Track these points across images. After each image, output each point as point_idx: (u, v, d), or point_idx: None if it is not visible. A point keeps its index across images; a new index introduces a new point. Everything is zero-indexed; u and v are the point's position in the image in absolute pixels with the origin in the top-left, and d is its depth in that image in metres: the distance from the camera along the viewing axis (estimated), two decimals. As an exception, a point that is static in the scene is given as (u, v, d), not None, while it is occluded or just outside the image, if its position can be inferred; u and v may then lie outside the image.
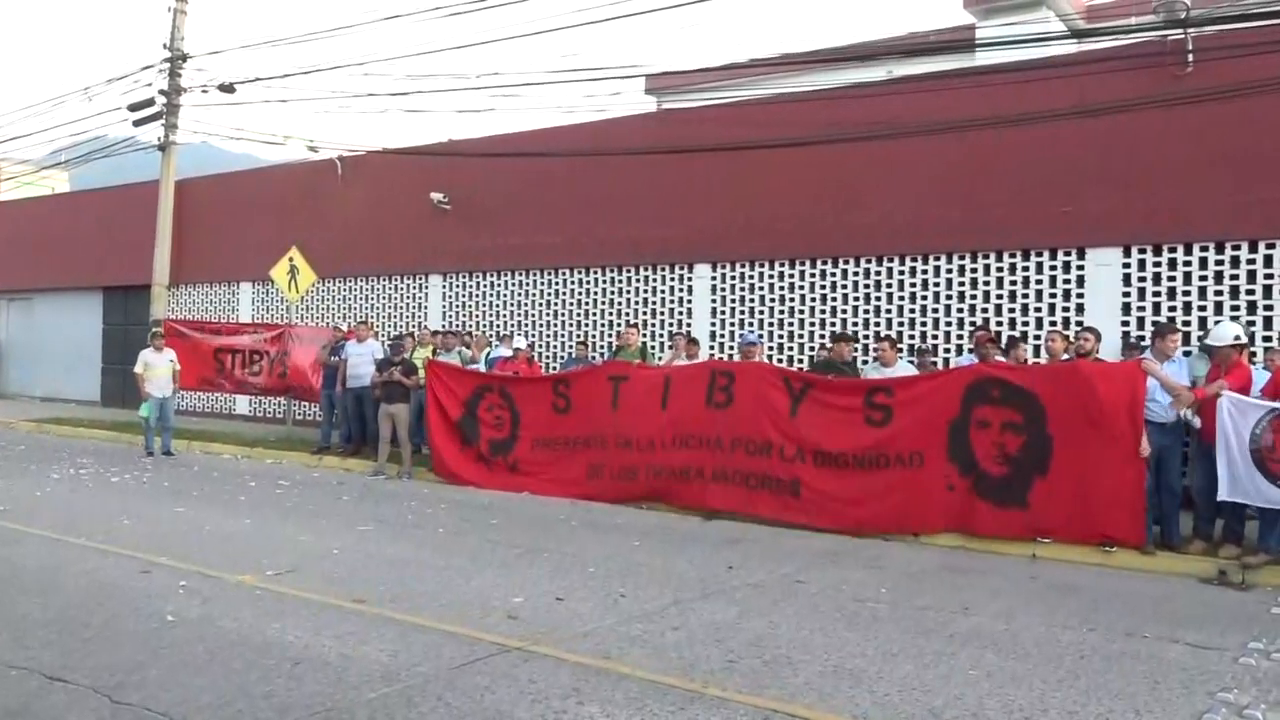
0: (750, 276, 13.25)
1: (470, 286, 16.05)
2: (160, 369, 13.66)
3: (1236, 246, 10.16)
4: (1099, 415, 7.89)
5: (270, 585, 6.25)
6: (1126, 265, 10.75)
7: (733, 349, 13.01)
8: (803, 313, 12.83)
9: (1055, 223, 11.02)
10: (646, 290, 14.19)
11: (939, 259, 11.87)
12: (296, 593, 6.06)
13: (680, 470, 9.83)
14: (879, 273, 12.28)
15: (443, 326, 15.42)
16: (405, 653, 4.89)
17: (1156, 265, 10.60)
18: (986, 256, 11.59)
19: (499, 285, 15.68)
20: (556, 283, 15.03)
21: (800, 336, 12.83)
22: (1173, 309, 10.43)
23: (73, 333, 22.05)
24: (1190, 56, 10.17)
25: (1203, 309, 10.30)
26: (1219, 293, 10.24)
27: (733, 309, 13.40)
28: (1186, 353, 9.14)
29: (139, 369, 13.68)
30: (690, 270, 13.75)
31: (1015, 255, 11.41)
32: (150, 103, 17.90)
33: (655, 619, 5.71)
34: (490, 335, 14.72)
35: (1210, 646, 5.43)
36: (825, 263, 12.66)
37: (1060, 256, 11.13)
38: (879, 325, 12.14)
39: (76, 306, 22.09)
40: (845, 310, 12.50)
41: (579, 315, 14.80)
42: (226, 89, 17.18)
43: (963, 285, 11.74)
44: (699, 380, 10.03)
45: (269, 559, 7.03)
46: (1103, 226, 10.77)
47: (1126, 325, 10.66)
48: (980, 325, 11.23)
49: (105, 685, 4.32)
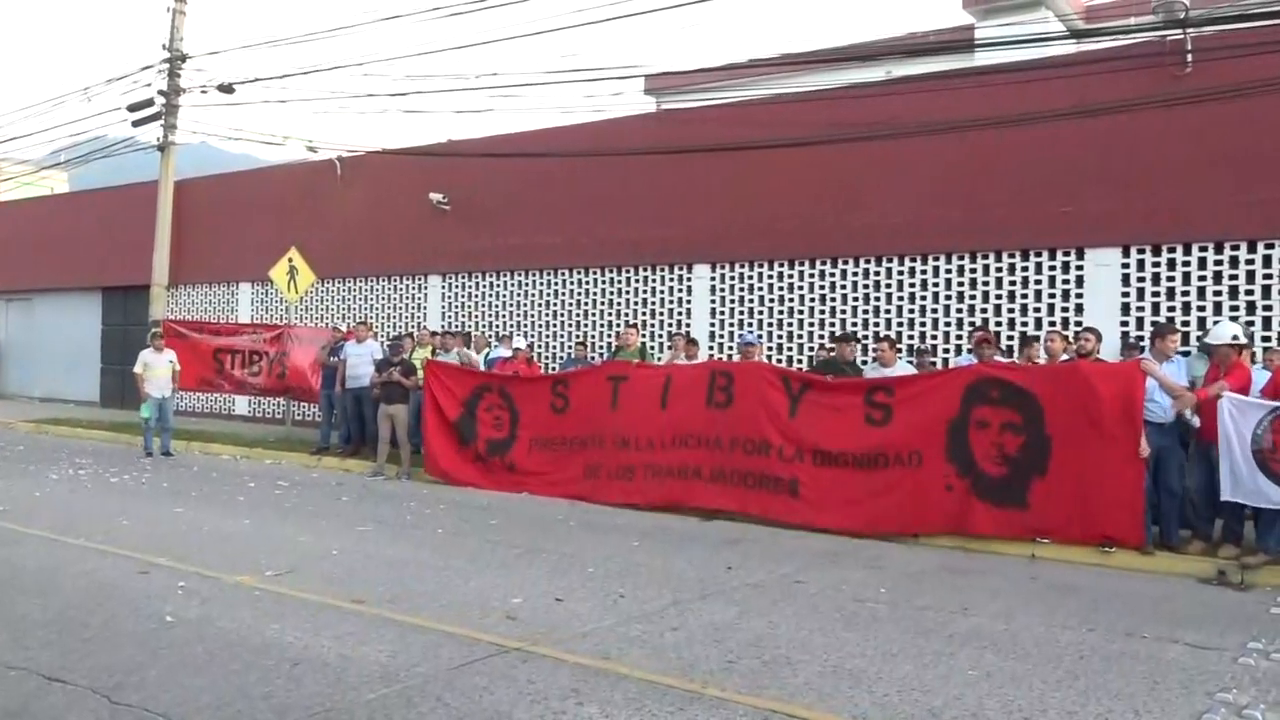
0: (750, 277, 13.25)
1: (469, 287, 16.05)
2: (160, 369, 13.65)
3: (1235, 246, 10.16)
4: (1098, 416, 7.88)
5: (269, 586, 6.25)
6: (1126, 265, 10.76)
7: (732, 349, 13.01)
8: (802, 313, 12.83)
9: (1054, 223, 11.02)
10: (646, 290, 14.19)
11: (938, 259, 11.88)
12: (295, 593, 6.06)
13: (679, 470, 9.82)
14: (878, 273, 12.28)
15: (442, 327, 15.42)
16: (404, 653, 4.89)
17: (1156, 265, 10.60)
18: (986, 257, 11.60)
19: (498, 285, 15.68)
20: (556, 283, 15.03)
21: (799, 337, 12.83)
22: (1172, 309, 10.43)
23: (72, 333, 22.04)
24: (1189, 57, 10.18)
25: (1202, 309, 10.31)
26: (1218, 293, 10.25)
27: (732, 309, 13.40)
28: (1185, 352, 9.14)
29: (138, 369, 13.67)
30: (689, 270, 13.75)
31: (1014, 255, 11.42)
32: (149, 103, 17.90)
33: (654, 619, 5.71)
34: (489, 336, 14.73)
35: (1209, 647, 5.43)
36: (824, 263, 12.66)
37: (1059, 257, 11.13)
38: (878, 325, 12.15)
39: (76, 307, 22.08)
40: (844, 310, 12.50)
41: (578, 315, 14.80)
42: (225, 89, 17.19)
43: (962, 285, 11.75)
44: (699, 380, 10.03)
45: (268, 559, 7.03)
46: (1102, 227, 10.78)
47: (1125, 325, 10.67)
48: (979, 326, 11.23)
49: (104, 686, 4.32)
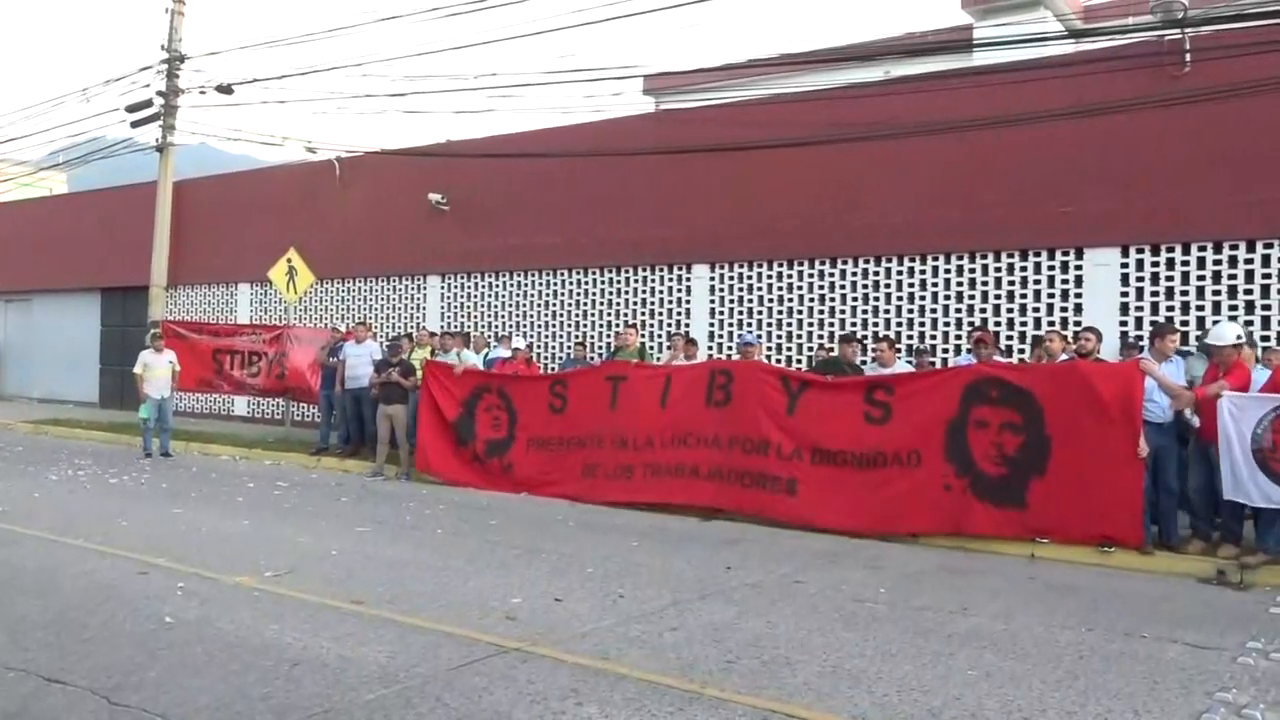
0: (749, 277, 13.25)
1: (469, 287, 16.04)
2: (159, 370, 13.64)
3: (1235, 246, 10.17)
4: (1097, 415, 7.88)
5: (268, 586, 6.25)
6: (1125, 265, 10.76)
7: (731, 349, 13.01)
8: (801, 313, 12.83)
9: (1053, 223, 11.03)
10: (645, 291, 14.19)
11: (937, 259, 11.88)
12: (295, 594, 6.06)
13: (677, 468, 9.82)
14: (877, 273, 12.29)
15: (441, 327, 15.41)
16: (403, 654, 4.88)
17: (1155, 265, 10.61)
18: (985, 256, 11.60)
19: (497, 286, 15.68)
20: (555, 283, 15.02)
21: (799, 337, 12.83)
22: (1171, 309, 10.44)
23: (71, 334, 22.03)
24: (1188, 56, 10.19)
25: (1201, 309, 10.31)
26: (1217, 292, 10.25)
27: (731, 309, 13.40)
28: (1186, 352, 9.13)
29: (138, 370, 13.66)
30: (689, 270, 13.75)
31: (1013, 255, 11.42)
32: (148, 104, 17.91)
33: (653, 619, 5.71)
34: (489, 336, 14.73)
35: (1209, 646, 5.43)
36: (824, 263, 12.67)
37: (1058, 256, 11.14)
38: (877, 325, 12.15)
39: (75, 307, 22.07)
40: (844, 310, 12.50)
41: (577, 316, 14.80)
42: (224, 90, 17.19)
43: (961, 285, 11.75)
44: (698, 379, 10.04)
45: (267, 560, 7.03)
46: (1101, 226, 10.78)
47: (1124, 325, 10.67)
48: (978, 325, 11.23)
49: (103, 687, 4.32)
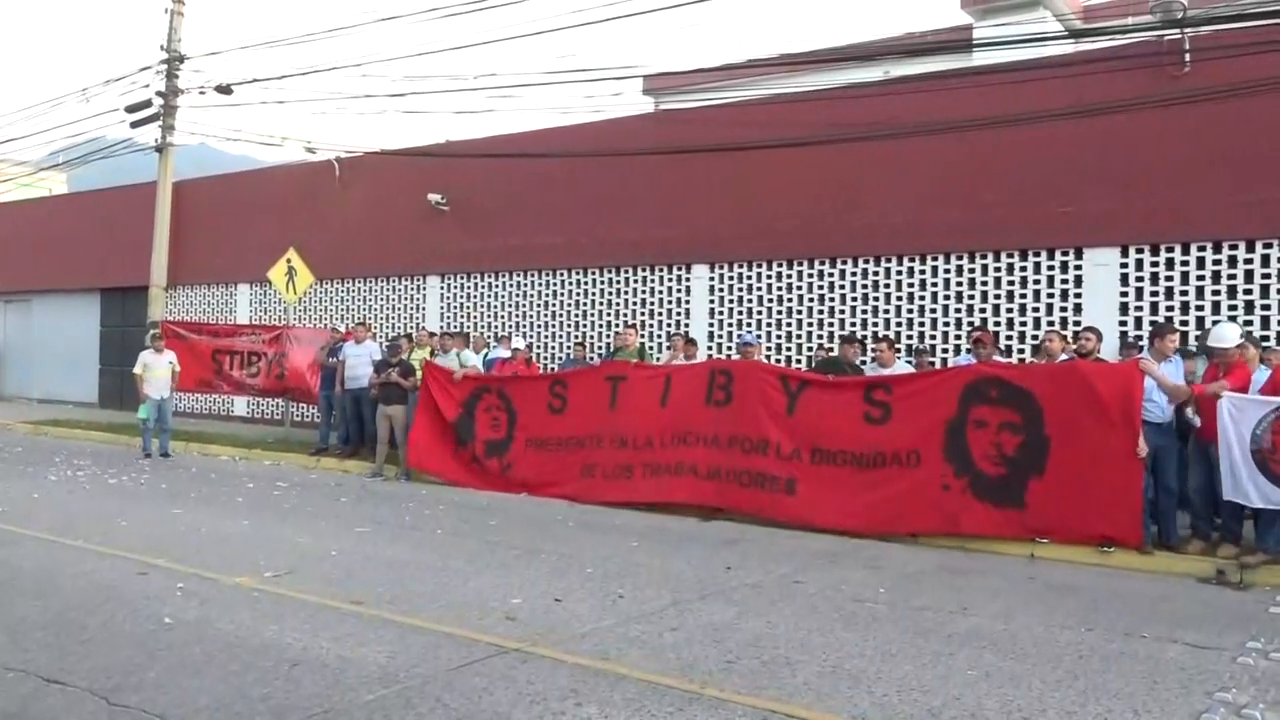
0: (749, 277, 13.25)
1: (468, 287, 16.04)
2: (159, 370, 13.64)
3: (1234, 246, 10.17)
4: (1097, 415, 7.88)
5: (268, 587, 6.24)
6: (1124, 265, 10.76)
7: (731, 349, 13.01)
8: (800, 313, 12.83)
9: (1053, 223, 11.03)
10: (645, 291, 14.19)
11: (937, 259, 11.88)
12: (294, 594, 6.05)
13: (676, 467, 9.82)
14: (877, 273, 12.29)
15: (441, 328, 15.41)
16: (403, 654, 4.88)
17: (1154, 265, 10.61)
18: (984, 256, 11.60)
19: (497, 286, 15.68)
20: (555, 283, 15.02)
21: (799, 337, 12.83)
22: (1170, 309, 10.44)
23: (70, 334, 22.03)
24: (1187, 56, 10.19)
25: (1200, 309, 10.31)
26: (1216, 292, 10.25)
27: (731, 309, 13.40)
28: (1189, 352, 9.13)
29: (138, 370, 13.65)
30: (688, 271, 13.75)
31: (1013, 255, 11.43)
32: (147, 104, 17.90)
33: (653, 620, 5.71)
34: (489, 336, 14.73)
35: (1208, 646, 5.43)
36: (824, 263, 12.67)
37: (1058, 256, 11.14)
38: (877, 325, 12.15)
39: (74, 308, 22.07)
40: (843, 311, 12.50)
41: (577, 316, 14.80)
42: (224, 90, 17.19)
43: (961, 285, 11.75)
44: (698, 378, 10.04)
45: (267, 560, 7.02)
46: (1101, 226, 10.79)
47: (1124, 325, 10.67)
48: (978, 325, 11.23)
49: (102, 687, 4.32)
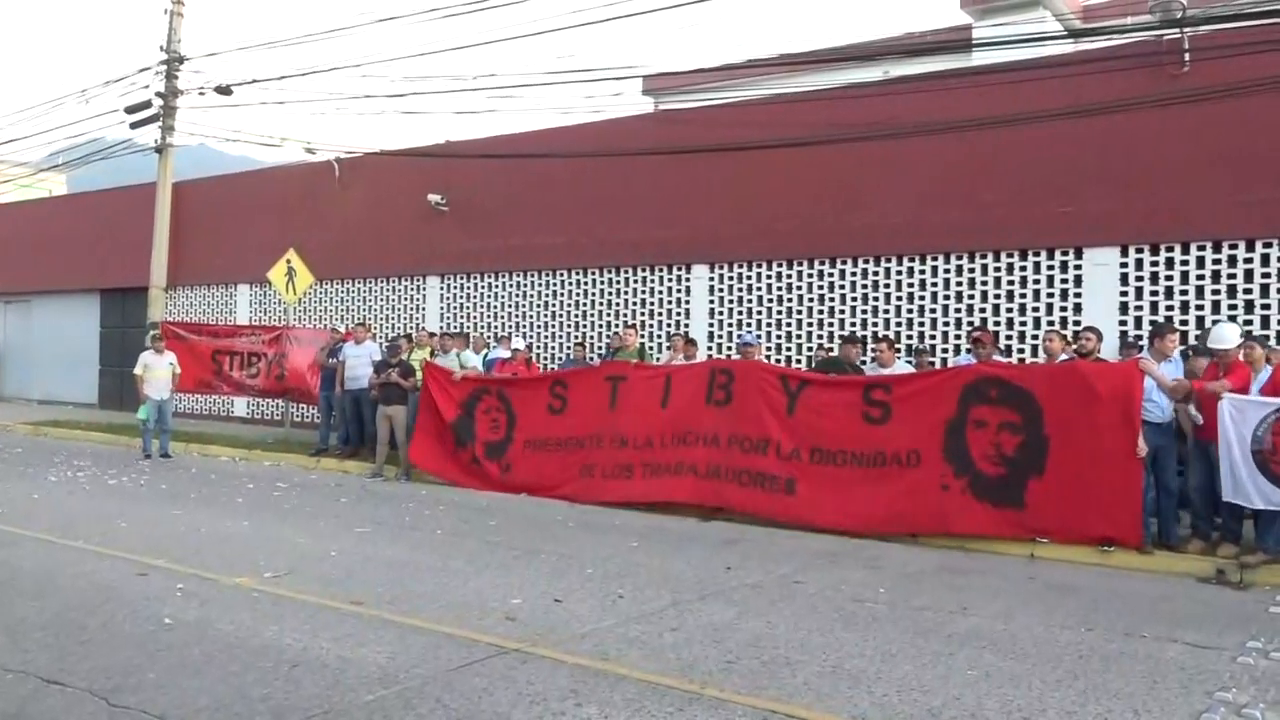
0: (749, 277, 13.24)
1: (468, 288, 16.04)
2: (159, 371, 13.63)
3: (1234, 246, 10.17)
4: (1096, 415, 7.88)
5: (268, 587, 6.24)
6: (1124, 265, 10.76)
7: (731, 350, 13.00)
8: (801, 313, 12.83)
9: (1053, 222, 11.02)
10: (644, 291, 14.19)
11: (937, 259, 11.88)
12: (294, 595, 6.05)
13: (675, 467, 9.82)
14: (877, 273, 12.28)
15: (441, 328, 15.41)
16: (403, 655, 4.88)
17: (1154, 265, 10.61)
18: (984, 256, 11.60)
19: (497, 286, 15.68)
20: (555, 284, 15.02)
21: (798, 337, 12.83)
22: (1170, 308, 10.43)
23: (70, 335, 22.03)
24: (1187, 56, 10.18)
25: (1200, 308, 10.31)
26: (1216, 292, 10.25)
27: (731, 309, 13.39)
28: (1185, 353, 9.13)
29: (138, 371, 13.64)
30: (688, 271, 13.75)
31: (1013, 255, 11.42)
32: (147, 105, 17.90)
33: (653, 620, 5.71)
34: (489, 336, 14.72)
35: (1208, 646, 5.43)
36: (823, 263, 12.66)
37: (1058, 256, 11.14)
38: (877, 325, 12.14)
39: (74, 309, 22.06)
40: (843, 311, 12.50)
41: (577, 316, 14.80)
42: (223, 91, 17.19)
43: (960, 285, 11.75)
44: (699, 378, 10.04)
45: (266, 561, 7.02)
46: (1100, 226, 10.78)
47: (1124, 324, 10.67)
48: (978, 325, 11.23)
49: (102, 688, 4.32)
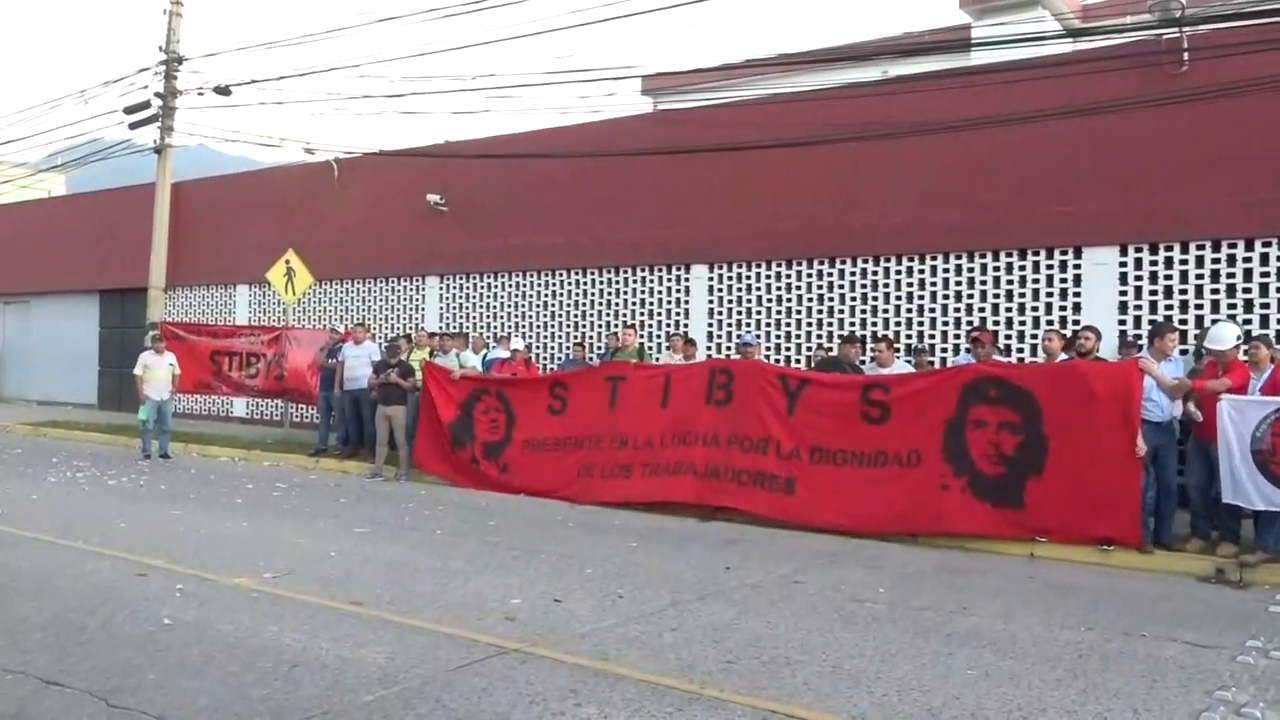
0: (748, 277, 13.24)
1: (467, 288, 16.03)
2: (159, 371, 13.62)
3: (1233, 245, 10.16)
4: (1096, 415, 7.88)
5: (267, 588, 6.24)
6: (1123, 264, 10.76)
7: (730, 350, 13.00)
8: (800, 313, 12.82)
9: (1052, 222, 11.02)
10: (644, 291, 14.18)
11: (936, 259, 11.87)
12: (293, 595, 6.05)
13: (675, 466, 9.82)
14: (876, 273, 12.28)
15: (440, 328, 15.41)
16: (403, 655, 4.88)
17: (1153, 264, 10.60)
18: (984, 256, 11.59)
19: (496, 286, 15.67)
20: (554, 284, 15.01)
21: (798, 337, 12.82)
22: (1169, 308, 10.43)
23: (69, 336, 22.00)
24: (1185, 56, 10.18)
25: (1199, 308, 10.31)
26: (1215, 291, 10.25)
27: (730, 309, 13.39)
28: (1183, 351, 9.14)
29: (138, 371, 13.64)
30: (687, 271, 13.74)
31: (1012, 255, 11.42)
32: (146, 105, 17.89)
33: (653, 620, 5.71)
34: (488, 337, 14.72)
35: (1208, 645, 5.43)
36: (823, 263, 12.66)
37: (1057, 256, 11.13)
38: (876, 325, 12.14)
39: (73, 309, 22.04)
40: (843, 311, 12.49)
41: (576, 316, 14.79)
42: (222, 91, 17.18)
43: (960, 285, 11.74)
44: (698, 378, 10.05)
45: (266, 561, 7.02)
46: (1100, 226, 10.78)
47: (1123, 324, 10.67)
48: (977, 325, 11.23)
49: (101, 689, 4.31)
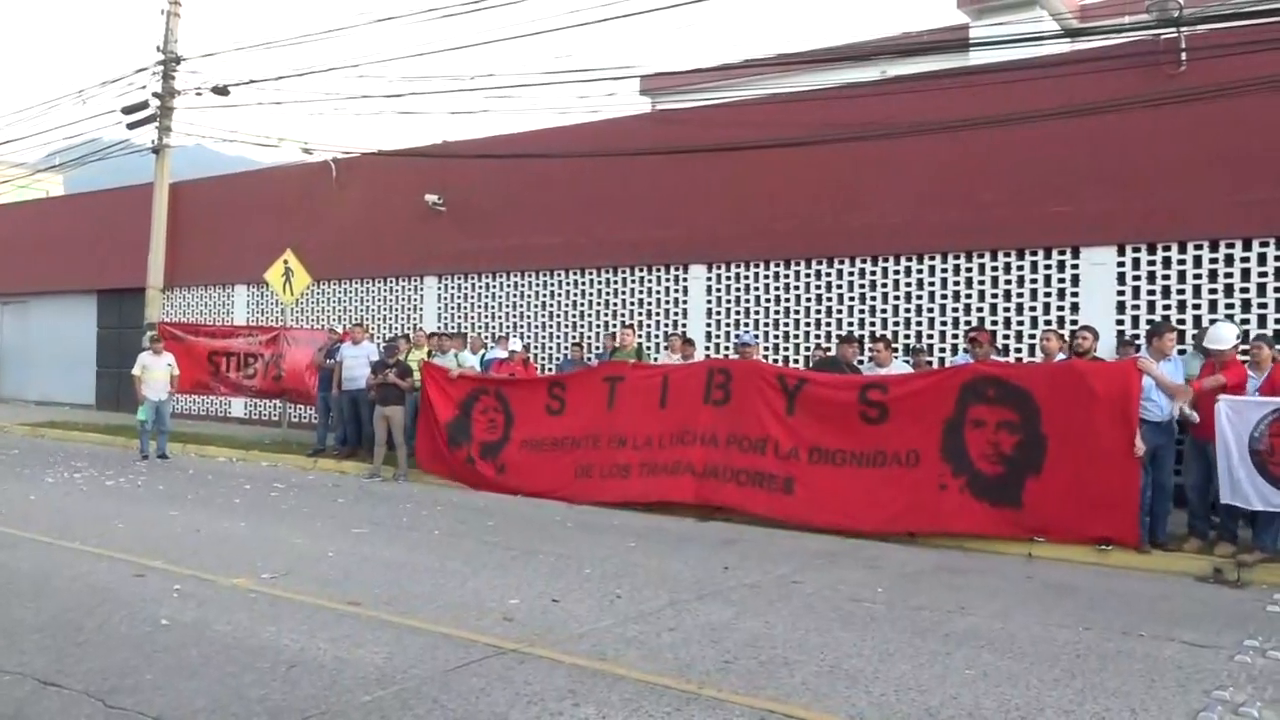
0: (746, 277, 13.24)
1: (465, 288, 16.03)
2: (157, 372, 13.62)
3: (1231, 245, 10.16)
4: (1094, 414, 7.89)
5: (265, 588, 6.24)
6: (1121, 264, 10.76)
7: (728, 350, 13.00)
8: (798, 313, 12.82)
9: (1050, 222, 11.02)
10: (642, 291, 14.18)
11: (934, 259, 11.87)
12: (291, 595, 6.05)
13: (673, 466, 9.81)
14: (874, 273, 12.28)
15: (439, 328, 15.40)
16: (400, 655, 4.88)
17: (1151, 264, 10.61)
18: (982, 256, 11.59)
19: (494, 287, 15.67)
20: (552, 284, 15.01)
21: (796, 337, 12.82)
22: (1167, 307, 10.43)
23: (67, 336, 21.98)
24: (1183, 56, 10.19)
25: (1197, 308, 10.31)
26: (1213, 291, 10.25)
27: (728, 309, 13.38)
28: (1181, 351, 9.14)
29: (136, 371, 13.63)
30: (685, 271, 13.74)
31: (1010, 255, 11.42)
32: (144, 105, 17.88)
33: (651, 620, 5.71)
34: (486, 337, 14.72)
35: (1206, 644, 5.44)
36: (821, 263, 12.66)
37: (1055, 256, 11.13)
38: (874, 325, 12.14)
39: (71, 310, 22.02)
40: (841, 310, 12.49)
41: (575, 316, 14.79)
42: (220, 91, 17.17)
43: (958, 285, 11.74)
44: (697, 377, 10.05)
45: (264, 562, 7.02)
46: (1098, 226, 10.78)
47: (1121, 324, 10.67)
48: (975, 325, 11.23)
49: (99, 690, 4.31)
